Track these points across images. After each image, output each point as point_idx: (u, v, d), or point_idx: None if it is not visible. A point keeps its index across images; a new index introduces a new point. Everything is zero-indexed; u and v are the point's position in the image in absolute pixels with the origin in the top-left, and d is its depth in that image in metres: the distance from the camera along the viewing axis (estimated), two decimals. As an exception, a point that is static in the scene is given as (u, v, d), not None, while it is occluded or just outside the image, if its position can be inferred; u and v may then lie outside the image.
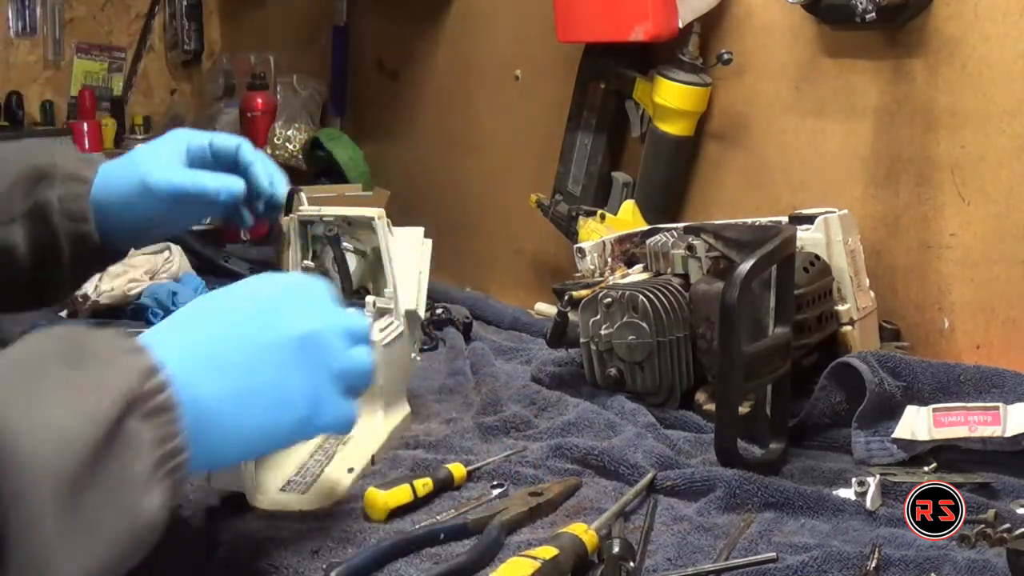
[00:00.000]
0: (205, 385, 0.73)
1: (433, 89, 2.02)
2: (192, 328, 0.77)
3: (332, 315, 0.83)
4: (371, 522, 0.94)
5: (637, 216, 1.52)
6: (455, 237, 1.88)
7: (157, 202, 1.12)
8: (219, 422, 0.74)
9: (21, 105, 2.35)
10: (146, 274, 1.68)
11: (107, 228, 1.13)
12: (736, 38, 1.44)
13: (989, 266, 1.21)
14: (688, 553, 0.87)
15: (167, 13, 2.64)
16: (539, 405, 1.20)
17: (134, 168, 1.12)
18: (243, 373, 0.76)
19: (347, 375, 0.82)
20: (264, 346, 0.78)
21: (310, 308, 0.82)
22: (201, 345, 0.76)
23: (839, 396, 1.09)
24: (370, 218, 1.15)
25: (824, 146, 1.36)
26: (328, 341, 0.81)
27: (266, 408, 0.77)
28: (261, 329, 0.78)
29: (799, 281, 1.11)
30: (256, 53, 2.38)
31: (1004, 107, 1.17)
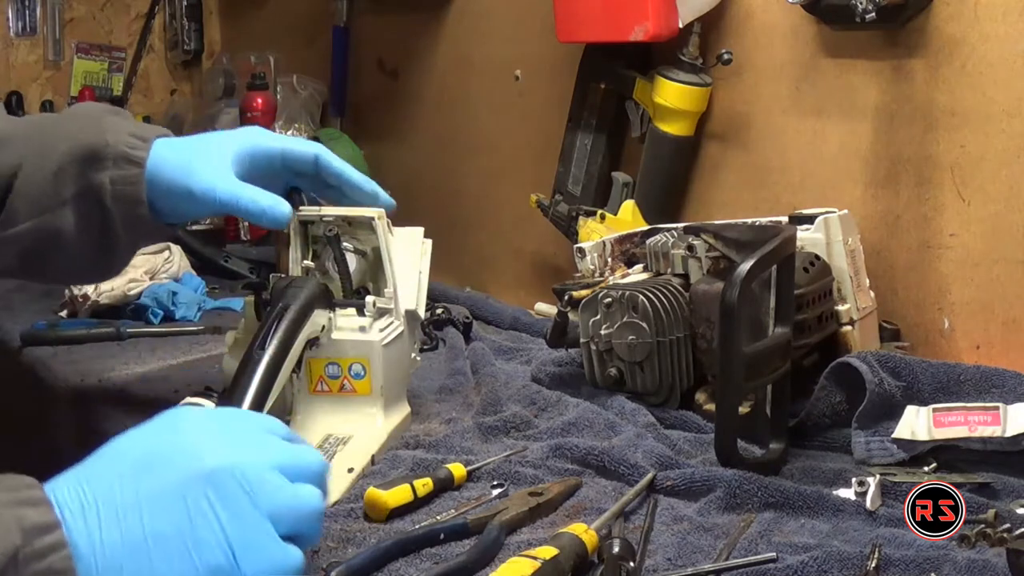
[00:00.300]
0: (103, 533, 0.65)
1: (433, 89, 2.02)
2: (96, 469, 0.70)
3: (263, 449, 0.73)
4: (371, 522, 0.94)
5: (637, 216, 1.51)
6: (455, 237, 1.88)
7: (203, 206, 1.08)
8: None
9: (21, 105, 2.35)
10: (146, 274, 1.68)
11: (163, 208, 1.09)
12: (736, 38, 1.44)
13: (989, 266, 1.21)
14: (688, 553, 0.87)
15: (167, 13, 2.63)
16: (539, 405, 1.20)
17: (184, 166, 1.07)
18: (144, 517, 0.67)
19: (283, 517, 0.70)
20: (169, 485, 0.68)
21: (233, 441, 0.72)
22: (102, 488, 0.68)
23: (839, 396, 1.09)
24: (370, 218, 1.15)
25: (824, 146, 1.36)
26: (253, 477, 0.70)
27: (171, 559, 0.67)
28: (167, 466, 0.69)
29: (799, 281, 1.11)
30: (256, 53, 2.37)
31: (1004, 107, 1.17)
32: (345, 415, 1.12)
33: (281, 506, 0.70)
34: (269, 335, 1.01)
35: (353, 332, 1.12)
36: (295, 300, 1.05)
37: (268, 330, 1.01)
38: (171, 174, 1.07)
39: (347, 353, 1.12)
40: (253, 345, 1.00)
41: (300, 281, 1.09)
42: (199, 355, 1.47)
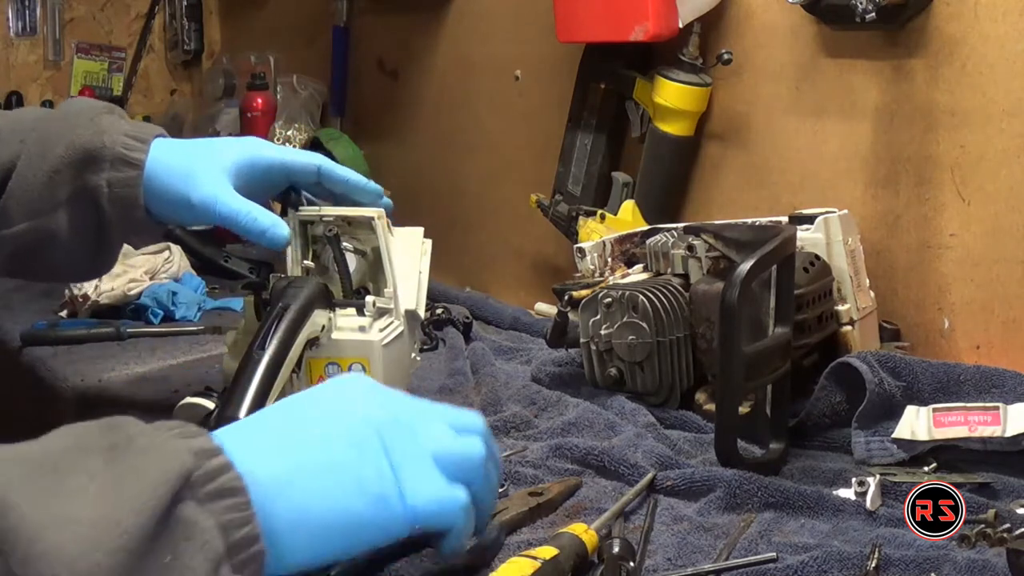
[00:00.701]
0: (265, 466, 0.65)
1: (433, 89, 2.02)
2: (256, 418, 0.73)
3: (428, 406, 0.76)
4: (371, 522, 0.94)
5: (637, 216, 1.51)
6: (455, 237, 1.88)
7: (200, 216, 1.07)
8: (283, 507, 0.65)
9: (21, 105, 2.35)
10: (146, 274, 1.68)
11: (157, 210, 1.08)
12: (736, 38, 1.44)
13: (989, 266, 1.21)
14: (688, 553, 0.87)
15: (167, 13, 2.64)
16: (539, 405, 1.20)
17: (184, 174, 1.06)
18: (310, 451, 0.68)
19: (448, 461, 0.72)
20: (336, 428, 0.70)
21: (400, 399, 0.75)
22: (263, 429, 0.70)
23: (839, 396, 1.09)
24: (370, 218, 1.15)
25: (824, 146, 1.36)
26: (419, 424, 0.73)
27: (337, 486, 0.68)
28: (333, 415, 0.71)
29: (799, 281, 1.11)
30: (256, 53, 2.38)
31: (1004, 107, 1.17)
32: (345, 415, 1.12)
33: (445, 449, 0.72)
34: (269, 335, 1.01)
35: (353, 332, 1.12)
36: (295, 300, 1.05)
37: (268, 330, 1.01)
38: (169, 180, 1.06)
39: (347, 353, 1.12)
40: (253, 345, 1.00)
41: (300, 281, 1.09)
42: (199, 355, 1.47)
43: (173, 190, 1.06)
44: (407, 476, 0.70)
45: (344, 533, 0.68)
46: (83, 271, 1.19)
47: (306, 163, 1.14)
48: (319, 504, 0.67)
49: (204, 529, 0.59)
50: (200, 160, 1.08)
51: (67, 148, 1.06)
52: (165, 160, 1.07)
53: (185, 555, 0.57)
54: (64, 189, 1.06)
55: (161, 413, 1.19)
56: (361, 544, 0.70)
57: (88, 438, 0.61)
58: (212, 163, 1.08)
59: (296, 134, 2.21)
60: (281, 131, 2.21)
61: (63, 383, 1.41)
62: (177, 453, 0.60)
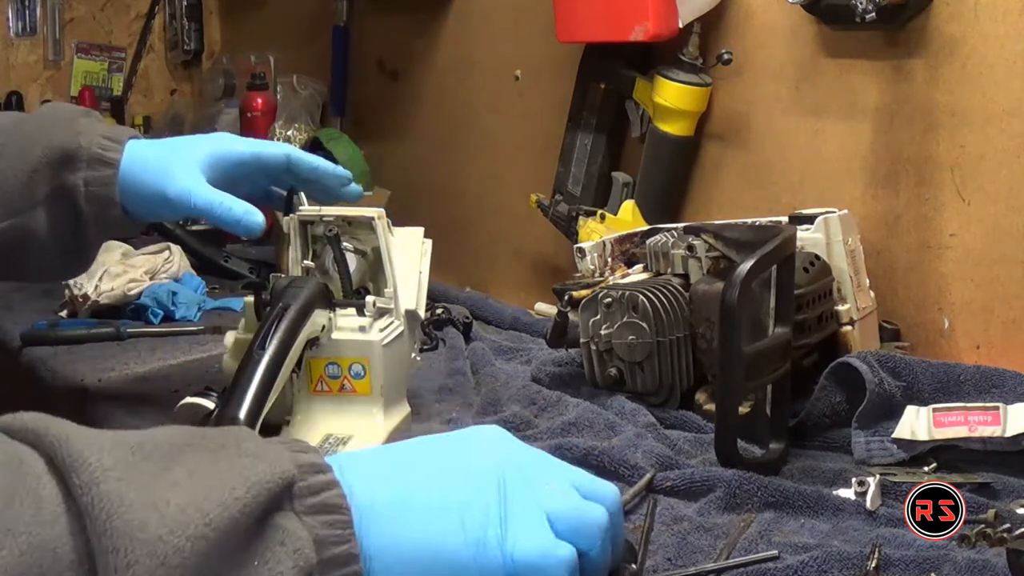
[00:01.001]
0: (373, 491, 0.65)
1: (433, 89, 2.02)
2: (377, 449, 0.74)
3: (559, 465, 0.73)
4: (371, 522, 0.94)
5: (637, 216, 1.52)
6: (455, 237, 1.88)
7: (177, 210, 1.09)
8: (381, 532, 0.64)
9: (21, 105, 2.35)
10: (146, 274, 1.68)
11: (133, 208, 1.10)
12: (736, 38, 1.44)
13: (989, 266, 1.21)
14: (688, 553, 0.87)
15: (167, 13, 2.64)
16: (539, 405, 1.20)
17: (159, 170, 1.08)
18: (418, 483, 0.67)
19: (562, 518, 0.68)
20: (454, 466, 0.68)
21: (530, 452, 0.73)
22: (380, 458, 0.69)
23: (839, 396, 1.09)
24: (370, 218, 1.15)
25: (824, 146, 1.36)
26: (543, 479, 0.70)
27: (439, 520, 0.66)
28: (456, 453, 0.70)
29: (799, 281, 1.11)
30: (256, 53, 2.38)
31: (1004, 107, 1.17)
32: (345, 415, 1.12)
33: (562, 508, 0.69)
34: (269, 335, 1.01)
35: (353, 332, 1.12)
36: (295, 300, 1.05)
37: (268, 330, 1.01)
38: (145, 177, 1.09)
39: (347, 353, 1.12)
40: (253, 345, 1.00)
41: (300, 281, 1.09)
42: (199, 355, 1.47)
43: (149, 187, 1.08)
44: (513, 523, 0.67)
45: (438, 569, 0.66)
46: (59, 271, 1.21)
47: (275, 153, 1.16)
48: (417, 535, 0.65)
49: (298, 539, 0.59)
50: (174, 157, 1.11)
51: (45, 149, 1.08)
52: (140, 158, 1.09)
53: (274, 560, 0.57)
54: (42, 188, 1.08)
55: (161, 413, 1.19)
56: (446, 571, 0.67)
57: (199, 437, 0.61)
58: (185, 159, 1.11)
59: (296, 134, 2.21)
60: (281, 131, 2.21)
61: (63, 383, 1.41)
62: (282, 461, 0.60)
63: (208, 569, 0.55)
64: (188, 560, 0.54)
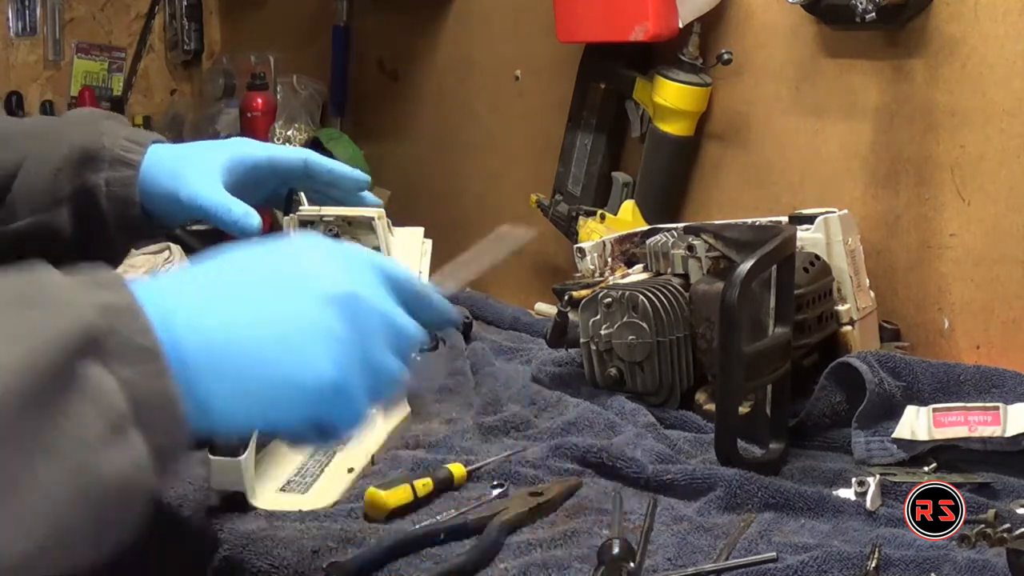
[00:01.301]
0: (200, 321, 0.62)
1: (433, 89, 2.02)
2: (189, 271, 0.67)
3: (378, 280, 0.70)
4: (371, 522, 0.94)
5: (637, 216, 1.52)
6: (455, 237, 1.87)
7: (188, 212, 1.11)
8: (214, 367, 0.62)
9: (21, 105, 2.35)
10: (146, 274, 1.68)
11: (154, 211, 1.12)
12: (736, 38, 1.44)
13: (989, 266, 1.21)
14: (688, 553, 0.87)
15: (167, 13, 2.63)
16: (539, 405, 1.20)
17: (175, 172, 1.11)
18: (246, 309, 0.64)
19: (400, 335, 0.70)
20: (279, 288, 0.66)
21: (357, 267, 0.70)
22: (195, 281, 0.65)
23: (839, 396, 1.09)
24: (370, 218, 1.15)
25: (824, 146, 1.36)
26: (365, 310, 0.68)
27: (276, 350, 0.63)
28: (281, 275, 0.67)
29: (799, 281, 1.11)
30: (256, 53, 2.38)
31: (1004, 107, 1.17)
32: (345, 415, 1.11)
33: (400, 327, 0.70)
34: (269, 335, 1.01)
35: (353, 332, 1.12)
36: (295, 300, 1.05)
37: (268, 330, 1.01)
38: (162, 179, 1.10)
39: (347, 353, 1.11)
40: (253, 345, 1.00)
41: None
42: (199, 355, 1.47)
43: (165, 189, 1.10)
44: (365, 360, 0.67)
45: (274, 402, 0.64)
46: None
47: (292, 157, 1.17)
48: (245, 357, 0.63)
49: (103, 390, 0.56)
50: (190, 161, 1.12)
51: (69, 148, 1.10)
52: (159, 161, 1.11)
53: (78, 413, 0.55)
54: (66, 187, 1.10)
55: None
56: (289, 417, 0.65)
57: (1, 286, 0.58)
58: (202, 163, 1.12)
59: (296, 134, 2.21)
60: (281, 131, 2.20)
61: (63, 383, 1.41)
62: (81, 306, 0.57)
63: (6, 430, 0.52)
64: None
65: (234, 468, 0.94)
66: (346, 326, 0.66)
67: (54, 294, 0.58)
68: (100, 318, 0.57)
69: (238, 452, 0.94)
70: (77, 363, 0.55)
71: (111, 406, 0.56)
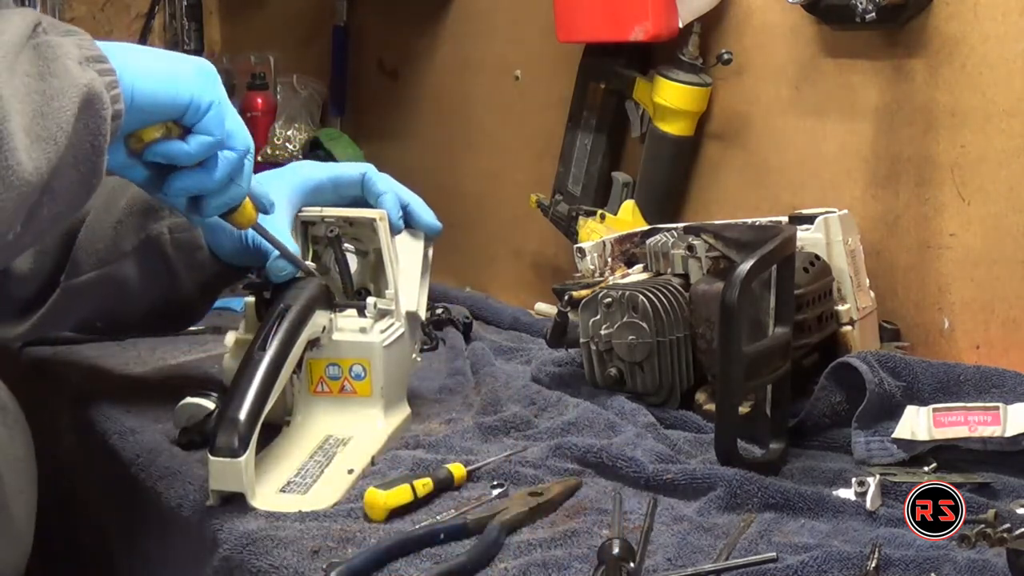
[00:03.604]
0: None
1: (433, 89, 2.02)
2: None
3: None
4: (371, 522, 0.94)
5: (637, 216, 1.52)
6: (455, 237, 1.88)
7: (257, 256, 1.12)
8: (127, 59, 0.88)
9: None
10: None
11: (220, 251, 1.14)
12: (736, 38, 1.44)
13: (989, 266, 1.21)
14: (688, 553, 0.87)
15: (167, 13, 2.63)
16: (539, 405, 1.20)
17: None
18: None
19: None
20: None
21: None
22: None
23: (839, 396, 1.09)
24: (372, 219, 1.15)
25: (824, 146, 1.36)
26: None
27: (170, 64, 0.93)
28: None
29: (799, 281, 1.11)
30: (256, 53, 2.38)
31: (1004, 107, 1.17)
32: (345, 416, 1.12)
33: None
34: (270, 336, 1.01)
35: (354, 333, 1.12)
36: (296, 301, 1.05)
37: (269, 331, 1.01)
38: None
39: (348, 354, 1.12)
40: (254, 346, 1.00)
41: (301, 282, 1.09)
42: (199, 355, 1.47)
43: (229, 230, 1.09)
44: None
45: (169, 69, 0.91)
46: (165, 322, 1.25)
47: (352, 174, 1.20)
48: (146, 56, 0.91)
49: (61, 43, 0.82)
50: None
51: (128, 200, 1.14)
52: None
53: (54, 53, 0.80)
54: (130, 239, 1.14)
55: (161, 413, 1.19)
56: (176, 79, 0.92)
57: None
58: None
59: (296, 134, 2.21)
60: (281, 131, 2.21)
61: (63, 383, 1.41)
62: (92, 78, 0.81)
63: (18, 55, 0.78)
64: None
65: (234, 469, 0.94)
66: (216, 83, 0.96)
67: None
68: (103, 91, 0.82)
69: (238, 453, 0.94)
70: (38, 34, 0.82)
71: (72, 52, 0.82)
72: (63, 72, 0.80)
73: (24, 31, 0.80)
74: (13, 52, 0.78)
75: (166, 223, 1.14)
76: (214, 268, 1.16)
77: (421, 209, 1.22)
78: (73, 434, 1.33)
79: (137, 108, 0.87)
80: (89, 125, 0.81)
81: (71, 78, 0.80)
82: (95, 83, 0.82)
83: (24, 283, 1.12)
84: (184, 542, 1.02)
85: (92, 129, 0.81)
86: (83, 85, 0.80)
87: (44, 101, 0.78)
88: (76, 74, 0.81)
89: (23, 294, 1.12)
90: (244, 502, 0.96)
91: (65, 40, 0.83)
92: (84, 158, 0.81)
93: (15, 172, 0.75)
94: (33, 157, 0.76)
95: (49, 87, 0.79)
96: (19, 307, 1.13)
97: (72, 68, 0.81)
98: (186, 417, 1.14)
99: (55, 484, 1.39)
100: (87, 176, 0.82)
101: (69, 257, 1.13)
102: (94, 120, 0.81)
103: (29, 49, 0.80)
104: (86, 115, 0.80)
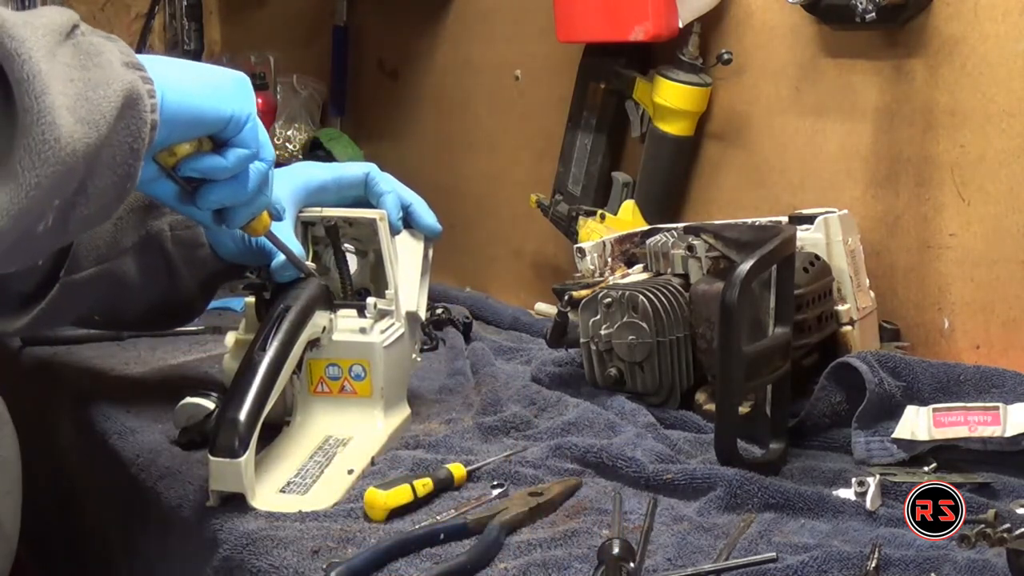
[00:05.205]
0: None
1: (433, 89, 2.02)
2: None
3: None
4: (371, 522, 0.95)
5: (637, 216, 1.52)
6: (455, 237, 1.88)
7: (259, 254, 1.13)
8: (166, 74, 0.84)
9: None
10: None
11: (221, 248, 1.15)
12: (736, 38, 1.44)
13: (989, 266, 1.21)
14: (688, 553, 0.87)
15: (167, 13, 2.63)
16: (539, 405, 1.20)
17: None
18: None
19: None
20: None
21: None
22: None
23: (839, 396, 1.09)
24: (372, 219, 1.15)
25: (824, 146, 1.36)
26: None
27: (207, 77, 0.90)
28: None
29: (799, 281, 1.11)
30: (256, 53, 2.37)
31: (1004, 107, 1.17)
32: (345, 416, 1.12)
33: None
34: (270, 336, 1.01)
35: (354, 334, 1.12)
36: (296, 301, 1.05)
37: (269, 331, 1.01)
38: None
39: (348, 354, 1.12)
40: (254, 346, 1.00)
41: (301, 282, 1.09)
42: (199, 355, 1.47)
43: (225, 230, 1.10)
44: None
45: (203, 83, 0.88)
46: (165, 317, 1.25)
47: (356, 174, 1.20)
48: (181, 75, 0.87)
49: (103, 43, 0.79)
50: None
51: (132, 197, 1.12)
52: None
53: (96, 49, 0.77)
54: (130, 236, 1.13)
55: (161, 413, 1.20)
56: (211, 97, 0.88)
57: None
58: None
59: (296, 134, 2.21)
60: (281, 131, 2.21)
61: (63, 383, 1.41)
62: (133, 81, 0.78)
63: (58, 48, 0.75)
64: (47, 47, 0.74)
65: (234, 469, 0.94)
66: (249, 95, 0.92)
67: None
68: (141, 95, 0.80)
69: (238, 453, 0.94)
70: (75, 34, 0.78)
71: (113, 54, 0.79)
72: (107, 65, 0.77)
73: (63, 26, 0.77)
74: (53, 39, 0.75)
75: (167, 220, 1.14)
76: (214, 266, 1.16)
77: (423, 211, 1.22)
78: (73, 434, 1.33)
79: (180, 122, 0.85)
80: (130, 126, 0.78)
81: (115, 72, 0.77)
82: (138, 84, 0.79)
83: (24, 278, 1.11)
84: (184, 542, 1.02)
85: (133, 131, 0.78)
86: (127, 82, 0.78)
87: (88, 88, 0.75)
88: (120, 71, 0.78)
89: (23, 288, 1.12)
90: (244, 502, 0.96)
91: (107, 42, 0.80)
92: (122, 160, 0.78)
93: (52, 148, 0.72)
94: (75, 138, 0.73)
95: (92, 76, 0.76)
96: (19, 301, 1.13)
97: (116, 65, 0.78)
98: (186, 417, 1.14)
99: (55, 484, 1.40)
100: (122, 179, 0.79)
101: (69, 252, 1.12)
102: (135, 122, 0.78)
103: (69, 46, 0.76)
104: (128, 114, 0.78)
